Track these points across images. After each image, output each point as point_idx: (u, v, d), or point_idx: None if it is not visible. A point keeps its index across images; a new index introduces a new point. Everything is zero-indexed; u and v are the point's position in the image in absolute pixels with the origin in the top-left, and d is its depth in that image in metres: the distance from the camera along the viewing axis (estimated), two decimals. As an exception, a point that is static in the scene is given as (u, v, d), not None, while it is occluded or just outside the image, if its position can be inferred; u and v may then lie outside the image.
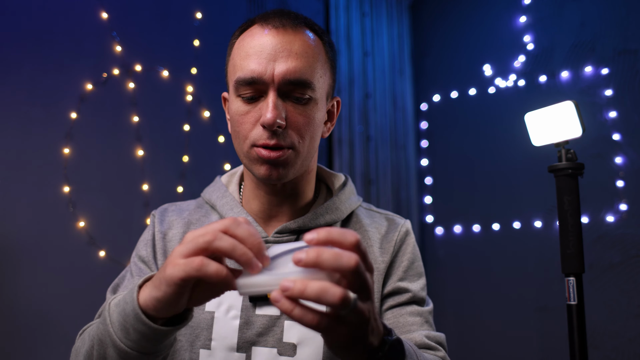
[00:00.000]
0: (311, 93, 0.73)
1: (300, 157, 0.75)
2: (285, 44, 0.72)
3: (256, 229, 0.80)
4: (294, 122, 0.73)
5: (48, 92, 1.88)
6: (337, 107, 0.85)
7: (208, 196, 0.90)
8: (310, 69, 0.73)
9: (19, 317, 1.73)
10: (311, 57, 0.73)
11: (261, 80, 0.71)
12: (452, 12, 2.99)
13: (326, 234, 0.47)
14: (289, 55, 0.71)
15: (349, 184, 0.90)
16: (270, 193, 0.81)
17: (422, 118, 3.07)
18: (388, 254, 0.83)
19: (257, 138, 0.73)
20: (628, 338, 2.13)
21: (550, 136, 1.24)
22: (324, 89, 0.77)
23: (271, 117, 0.69)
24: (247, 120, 0.74)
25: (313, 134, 0.76)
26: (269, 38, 0.73)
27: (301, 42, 0.73)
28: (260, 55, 0.72)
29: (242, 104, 0.74)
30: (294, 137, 0.73)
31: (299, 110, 0.73)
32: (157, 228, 0.87)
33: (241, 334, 0.76)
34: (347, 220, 0.86)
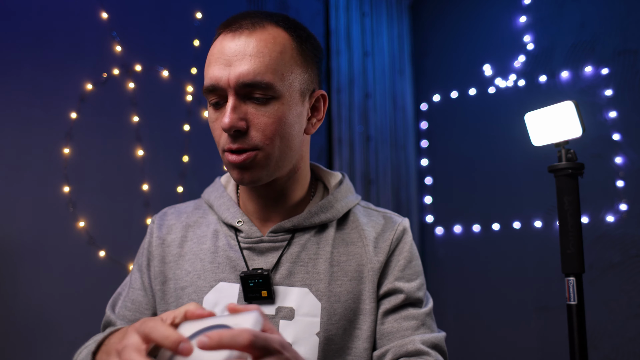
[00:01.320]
0: (272, 92, 0.72)
1: (272, 158, 0.74)
2: (240, 47, 0.72)
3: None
4: (256, 124, 0.72)
5: (48, 92, 1.88)
6: (324, 101, 0.83)
7: (207, 196, 0.90)
8: (267, 68, 0.71)
9: (18, 317, 1.73)
10: (268, 55, 0.72)
11: (219, 86, 0.72)
12: (452, 12, 2.99)
13: (218, 339, 0.47)
14: (243, 57, 0.71)
15: (345, 182, 0.89)
16: (259, 195, 0.82)
17: (422, 118, 3.07)
18: (383, 253, 0.82)
19: (224, 143, 0.74)
20: (628, 338, 2.13)
21: (550, 136, 1.24)
22: (293, 86, 0.75)
23: (227, 121, 0.70)
24: (216, 126, 0.75)
25: (284, 133, 0.74)
26: (226, 43, 0.73)
27: (256, 42, 0.72)
28: (217, 61, 0.73)
29: (212, 111, 0.76)
30: (257, 138, 0.72)
31: (261, 111, 0.72)
32: (155, 234, 0.87)
33: None
34: (343, 218, 0.86)
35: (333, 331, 0.77)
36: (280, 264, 0.79)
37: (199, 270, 0.81)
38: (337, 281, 0.79)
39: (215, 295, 0.79)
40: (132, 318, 0.85)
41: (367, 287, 0.80)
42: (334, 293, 0.78)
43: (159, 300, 0.83)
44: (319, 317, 0.76)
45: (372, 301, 0.80)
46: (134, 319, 0.85)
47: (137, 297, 0.86)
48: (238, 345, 0.47)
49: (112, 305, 0.88)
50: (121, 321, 0.85)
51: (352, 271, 0.80)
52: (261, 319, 0.52)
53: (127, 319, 0.85)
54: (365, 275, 0.81)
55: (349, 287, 0.79)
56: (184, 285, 0.81)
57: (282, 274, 0.78)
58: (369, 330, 0.79)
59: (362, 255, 0.82)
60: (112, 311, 0.87)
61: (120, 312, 0.86)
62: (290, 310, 0.77)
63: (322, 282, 0.78)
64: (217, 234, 0.84)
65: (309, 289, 0.78)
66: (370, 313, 0.79)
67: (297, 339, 0.76)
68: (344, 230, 0.84)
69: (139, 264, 0.89)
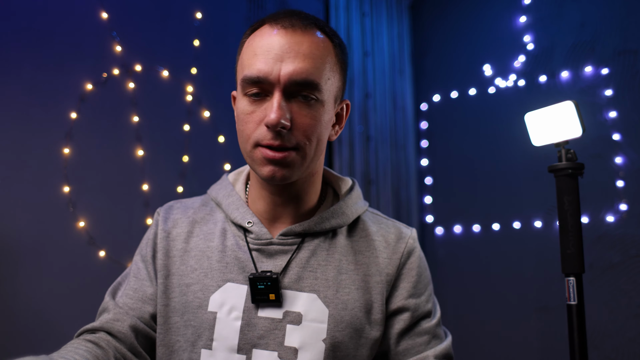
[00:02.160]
0: (317, 94, 0.73)
1: (307, 159, 0.75)
2: (293, 44, 0.72)
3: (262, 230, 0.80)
4: (299, 123, 0.72)
5: (48, 92, 1.88)
6: (347, 110, 0.85)
7: (214, 194, 0.89)
8: (317, 70, 0.72)
9: (18, 317, 1.73)
10: (319, 58, 0.73)
11: (267, 80, 0.71)
12: (452, 12, 2.99)
13: None
14: (296, 55, 0.71)
15: (356, 189, 0.89)
16: (274, 194, 0.81)
17: (422, 118, 3.07)
18: (394, 266, 0.82)
19: (261, 138, 0.72)
20: (628, 338, 2.13)
21: (550, 136, 1.24)
22: (331, 91, 0.76)
23: (275, 117, 0.69)
24: (252, 119, 0.73)
25: (319, 136, 0.76)
26: (277, 38, 0.72)
27: (309, 43, 0.73)
28: (267, 54, 0.72)
29: (247, 103, 0.74)
30: (299, 137, 0.73)
31: (305, 111, 0.73)
32: (160, 227, 0.86)
33: (242, 336, 0.76)
34: (353, 225, 0.85)
35: (339, 338, 0.76)
36: (289, 267, 0.78)
37: (205, 268, 0.80)
38: (344, 289, 0.79)
39: (222, 296, 0.78)
40: (133, 306, 0.82)
41: (375, 297, 0.80)
42: (342, 301, 0.78)
43: (161, 294, 0.82)
44: (326, 324, 0.76)
45: (381, 312, 0.80)
46: (135, 307, 0.82)
47: (142, 286, 0.83)
48: None
49: (113, 292, 0.85)
50: (120, 309, 0.81)
51: (359, 280, 0.80)
52: None
53: (127, 306, 0.82)
54: (372, 286, 0.81)
55: (355, 295, 0.79)
56: (189, 282, 0.80)
57: (291, 278, 0.78)
58: (373, 339, 0.79)
59: (370, 265, 0.82)
60: (112, 298, 0.84)
61: (121, 300, 0.83)
62: (298, 315, 0.76)
63: (330, 289, 0.78)
64: (225, 232, 0.83)
65: (317, 295, 0.77)
66: (377, 323, 0.80)
67: (304, 344, 0.75)
68: (353, 239, 0.84)
69: (142, 255, 0.86)
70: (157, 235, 0.86)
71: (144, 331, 0.81)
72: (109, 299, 0.84)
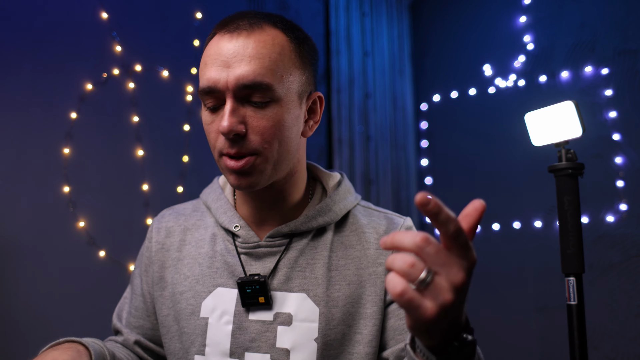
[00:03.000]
0: (271, 95, 0.70)
1: (269, 162, 0.73)
2: (239, 48, 0.70)
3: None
4: (255, 127, 0.70)
5: (48, 92, 1.88)
6: (320, 103, 0.81)
7: (205, 197, 0.89)
8: (267, 70, 0.70)
9: (18, 317, 1.73)
10: (267, 57, 0.70)
11: (217, 88, 0.70)
12: (452, 12, 2.99)
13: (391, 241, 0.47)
14: (242, 59, 0.69)
15: (344, 183, 0.87)
16: (256, 199, 0.81)
17: (422, 118, 3.07)
18: (387, 255, 0.81)
19: (221, 147, 0.72)
20: (628, 338, 2.13)
21: (550, 136, 1.24)
22: (292, 88, 0.73)
23: (226, 125, 0.68)
24: (212, 129, 0.73)
25: (282, 136, 0.73)
26: (223, 44, 0.71)
27: (256, 44, 0.70)
28: (214, 63, 0.70)
29: (207, 114, 0.73)
30: (256, 142, 0.71)
31: (260, 114, 0.70)
32: (154, 239, 0.87)
33: (234, 340, 0.76)
34: (342, 220, 0.84)
35: (332, 336, 0.76)
36: (277, 269, 0.78)
37: (197, 274, 0.81)
38: (335, 286, 0.78)
39: (213, 301, 0.78)
40: (136, 324, 0.88)
41: (368, 291, 0.79)
42: (332, 298, 0.77)
43: (160, 305, 0.84)
44: (317, 323, 0.76)
45: (374, 305, 0.78)
46: (138, 325, 0.87)
47: (139, 303, 0.88)
48: (404, 247, 0.46)
49: (118, 315, 0.91)
50: (128, 329, 0.88)
51: (351, 275, 0.79)
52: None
53: (132, 325, 0.88)
54: (366, 279, 0.79)
55: (347, 291, 0.78)
56: (182, 290, 0.81)
57: (280, 280, 0.77)
58: (371, 335, 0.77)
59: (362, 258, 0.80)
60: (119, 320, 0.90)
61: (127, 321, 0.89)
62: (288, 316, 0.76)
63: (319, 287, 0.77)
64: (215, 237, 0.83)
65: (306, 294, 0.77)
66: (372, 317, 0.78)
67: (295, 345, 0.75)
68: (342, 233, 0.83)
69: (139, 270, 0.90)
70: (150, 249, 0.87)
71: (147, 345, 0.87)
72: (116, 321, 0.90)
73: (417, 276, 0.44)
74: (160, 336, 0.87)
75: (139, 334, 0.87)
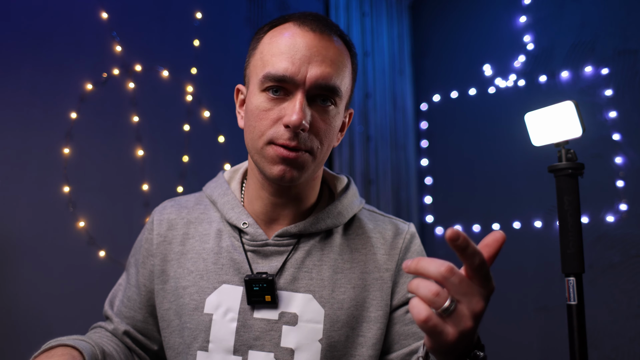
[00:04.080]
0: (337, 100, 0.74)
1: (316, 163, 0.75)
2: (321, 48, 0.72)
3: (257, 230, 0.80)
4: (316, 127, 0.73)
5: (48, 92, 1.88)
6: (349, 118, 0.86)
7: (209, 192, 0.88)
8: (339, 77, 0.73)
9: (18, 317, 1.73)
10: (341, 65, 0.74)
11: (292, 80, 0.70)
12: (452, 12, 2.99)
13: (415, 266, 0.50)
14: (324, 60, 0.71)
15: (351, 187, 0.88)
16: (274, 194, 0.80)
17: (422, 118, 3.07)
18: (394, 261, 0.82)
19: (276, 137, 0.71)
20: (628, 338, 2.13)
21: (550, 136, 1.24)
22: (345, 99, 0.78)
23: (297, 118, 0.69)
24: (268, 116, 0.72)
25: (330, 141, 0.77)
26: (305, 40, 0.72)
27: (335, 50, 0.74)
28: (294, 55, 0.71)
29: (265, 99, 0.73)
30: (314, 141, 0.73)
31: (323, 116, 0.74)
32: (155, 231, 0.86)
33: (238, 337, 0.76)
34: (349, 224, 0.85)
35: (335, 338, 0.76)
36: (284, 269, 0.78)
37: (201, 270, 0.80)
38: (340, 288, 0.79)
39: (218, 298, 0.78)
40: (127, 315, 0.87)
41: (373, 295, 0.80)
42: (337, 300, 0.78)
43: (161, 298, 0.83)
44: (322, 324, 0.76)
45: (380, 309, 0.79)
46: (129, 315, 0.87)
47: (132, 294, 0.87)
48: (431, 274, 0.48)
49: (111, 302, 0.90)
50: (119, 318, 0.87)
51: (356, 279, 0.80)
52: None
53: (123, 314, 0.87)
54: (370, 283, 0.80)
55: (352, 294, 0.79)
56: (185, 285, 0.80)
57: (286, 279, 0.78)
58: (375, 338, 0.78)
59: (367, 263, 0.81)
60: (110, 307, 0.89)
61: (118, 309, 0.88)
62: (294, 316, 0.76)
63: (325, 289, 0.78)
64: (221, 233, 0.83)
65: (312, 295, 0.77)
66: (377, 321, 0.79)
67: (300, 345, 0.75)
68: (349, 237, 0.83)
69: (136, 260, 0.88)
70: (150, 241, 0.86)
71: (136, 336, 0.87)
72: (108, 308, 0.89)
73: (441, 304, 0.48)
74: (150, 329, 0.87)
75: (128, 324, 0.86)
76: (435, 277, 0.48)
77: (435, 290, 0.48)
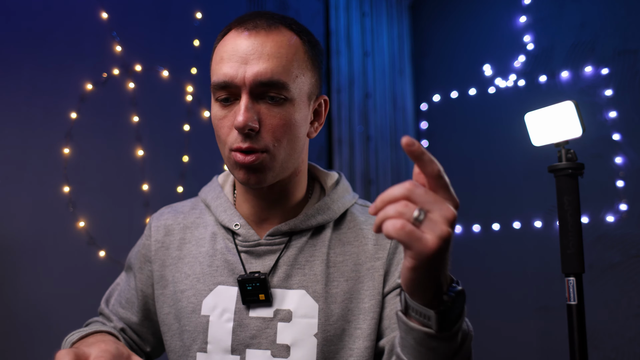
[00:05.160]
0: (286, 93, 0.72)
1: (278, 160, 0.74)
2: (257, 45, 0.72)
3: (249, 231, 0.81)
4: (268, 124, 0.72)
5: (48, 92, 1.88)
6: (325, 105, 0.84)
7: (204, 196, 0.90)
8: (283, 69, 0.72)
9: (18, 317, 1.73)
10: (284, 57, 0.72)
11: (233, 83, 0.71)
12: (452, 12, 2.99)
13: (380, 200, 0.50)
14: (260, 56, 0.71)
15: (342, 182, 0.88)
16: (258, 196, 0.81)
17: (422, 118, 3.07)
18: (385, 251, 0.82)
19: (232, 142, 0.72)
20: (628, 338, 2.13)
21: (550, 136, 1.24)
22: (303, 89, 0.76)
23: (242, 119, 0.69)
24: (224, 124, 0.74)
25: (291, 136, 0.75)
26: (241, 41, 0.73)
27: (273, 43, 0.72)
28: (232, 58, 0.72)
29: (219, 108, 0.75)
30: (267, 139, 0.72)
31: (274, 112, 0.72)
32: (153, 237, 0.88)
33: (235, 337, 0.77)
34: (341, 219, 0.85)
35: (331, 332, 0.77)
36: (277, 267, 0.79)
37: (198, 273, 0.82)
38: (333, 282, 0.79)
39: (214, 299, 0.79)
40: (123, 316, 0.90)
41: (366, 285, 0.80)
42: (331, 294, 0.78)
43: (161, 303, 0.84)
44: (316, 319, 0.76)
45: (372, 299, 0.79)
46: (125, 317, 0.89)
47: (131, 297, 0.89)
48: (394, 198, 0.49)
49: (107, 299, 0.93)
50: (115, 317, 0.90)
51: (349, 271, 0.80)
52: None
53: (119, 315, 0.90)
54: (364, 274, 0.80)
55: (345, 287, 0.79)
56: (183, 289, 0.82)
57: (280, 277, 0.78)
58: (369, 329, 0.78)
59: (360, 254, 0.81)
60: (106, 305, 0.92)
61: (113, 308, 0.91)
62: (288, 313, 0.77)
63: (318, 283, 0.78)
64: (215, 236, 0.84)
65: (305, 290, 0.78)
66: (370, 311, 0.79)
67: (296, 341, 0.76)
68: (340, 230, 0.84)
69: (134, 265, 0.90)
70: (148, 247, 0.88)
71: (131, 335, 0.89)
72: (104, 306, 0.92)
73: (411, 214, 0.48)
74: (144, 332, 0.90)
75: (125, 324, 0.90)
76: (401, 194, 0.49)
77: (403, 202, 0.48)
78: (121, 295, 0.91)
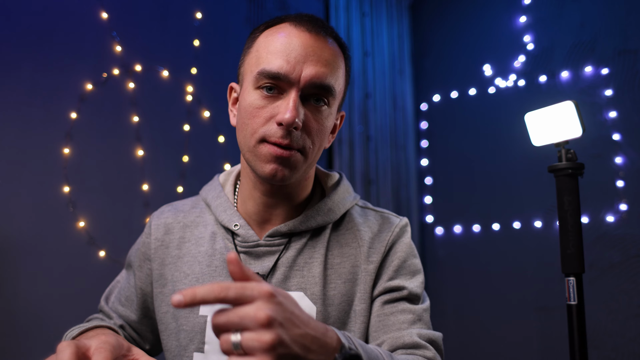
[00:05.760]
0: (330, 100, 0.75)
1: (307, 162, 0.76)
2: (316, 48, 0.73)
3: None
4: (308, 126, 0.73)
5: (48, 92, 1.88)
6: (341, 121, 0.87)
7: (204, 195, 0.90)
8: (334, 77, 0.75)
9: (18, 317, 1.73)
10: (336, 66, 0.75)
11: (287, 78, 0.71)
12: (452, 12, 2.99)
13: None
14: (319, 60, 0.72)
15: (342, 183, 0.88)
16: (266, 194, 0.80)
17: (422, 118, 3.07)
18: (379, 254, 0.81)
19: (269, 134, 0.72)
20: (628, 338, 2.13)
21: (550, 136, 1.24)
22: (338, 100, 0.79)
23: (291, 116, 0.69)
24: (261, 114, 0.73)
25: (322, 141, 0.77)
26: (300, 40, 0.73)
27: (330, 50, 0.75)
28: (289, 54, 0.72)
29: (259, 97, 0.73)
30: (306, 140, 0.73)
31: (315, 115, 0.74)
32: (153, 235, 0.88)
33: None
34: (340, 220, 0.85)
35: None
36: (276, 268, 0.79)
37: (197, 273, 0.82)
38: (331, 284, 0.79)
39: None
40: (123, 313, 0.90)
41: (360, 288, 0.80)
42: (328, 296, 0.78)
43: (159, 302, 0.84)
44: None
45: (363, 302, 0.79)
46: (124, 314, 0.90)
47: (131, 294, 0.90)
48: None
49: (107, 296, 0.94)
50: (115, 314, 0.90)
51: (347, 273, 0.80)
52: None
53: (118, 312, 0.90)
54: (360, 276, 0.80)
55: (342, 289, 0.79)
56: (182, 288, 0.82)
57: (278, 279, 0.78)
58: (360, 332, 0.78)
59: (357, 256, 0.81)
60: (106, 303, 0.92)
61: (113, 306, 0.91)
62: None
63: (316, 285, 0.78)
64: (215, 236, 0.83)
65: (304, 292, 0.77)
66: (361, 314, 0.78)
67: None
68: (339, 232, 0.83)
69: (133, 263, 0.90)
70: (148, 245, 0.87)
71: (130, 332, 0.89)
72: (104, 304, 0.92)
73: (230, 342, 0.49)
74: (143, 329, 0.90)
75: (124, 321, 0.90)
76: (214, 317, 0.50)
77: (221, 325, 0.49)
78: (121, 293, 0.91)
